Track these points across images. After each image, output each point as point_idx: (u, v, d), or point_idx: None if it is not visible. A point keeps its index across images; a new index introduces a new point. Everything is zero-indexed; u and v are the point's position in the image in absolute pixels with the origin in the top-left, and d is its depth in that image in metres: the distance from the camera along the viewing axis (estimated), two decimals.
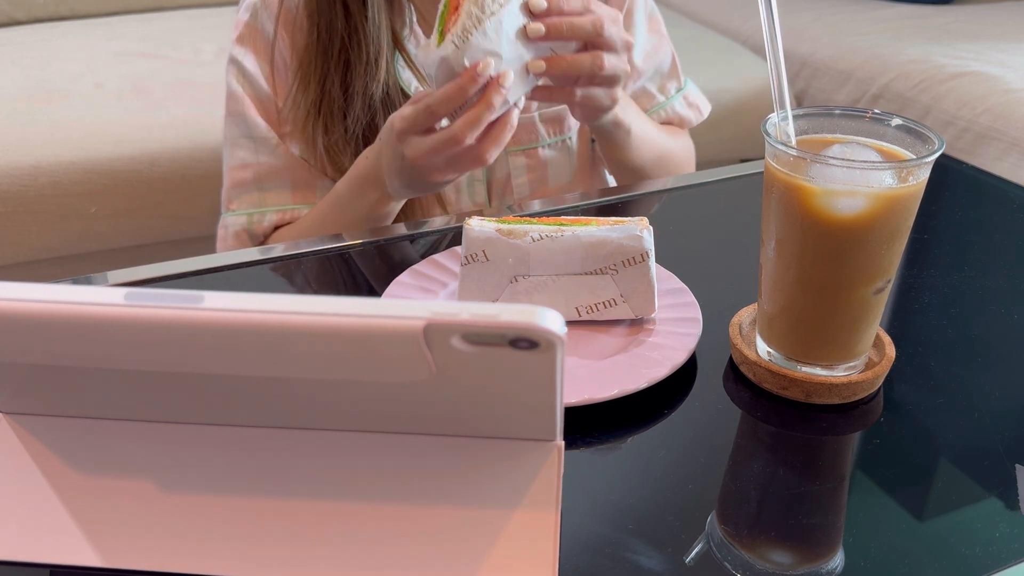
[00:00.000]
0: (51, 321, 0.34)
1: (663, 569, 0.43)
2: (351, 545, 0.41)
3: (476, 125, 0.64)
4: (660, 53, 0.94)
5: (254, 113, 0.84)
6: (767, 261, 0.55)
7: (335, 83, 0.80)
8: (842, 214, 0.50)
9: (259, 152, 0.84)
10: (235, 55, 0.84)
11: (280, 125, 0.84)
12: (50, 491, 0.42)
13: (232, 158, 0.85)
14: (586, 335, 0.60)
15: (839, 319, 0.53)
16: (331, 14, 0.79)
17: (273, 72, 0.84)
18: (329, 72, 0.80)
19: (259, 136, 0.84)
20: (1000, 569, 0.43)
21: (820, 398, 0.54)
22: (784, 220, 0.52)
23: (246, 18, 0.84)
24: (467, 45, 0.62)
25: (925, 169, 0.50)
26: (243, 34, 0.84)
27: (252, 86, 0.84)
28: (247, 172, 0.85)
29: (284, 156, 0.84)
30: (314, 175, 0.86)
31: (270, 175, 0.85)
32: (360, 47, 0.79)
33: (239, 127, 0.85)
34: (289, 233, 0.85)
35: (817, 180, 0.50)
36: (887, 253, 0.51)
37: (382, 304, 0.33)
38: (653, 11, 0.95)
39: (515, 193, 0.91)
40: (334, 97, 0.80)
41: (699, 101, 0.99)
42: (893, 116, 0.54)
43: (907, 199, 0.50)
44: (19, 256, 1.45)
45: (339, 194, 0.80)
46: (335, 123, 0.81)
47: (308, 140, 0.83)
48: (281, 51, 0.83)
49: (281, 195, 0.85)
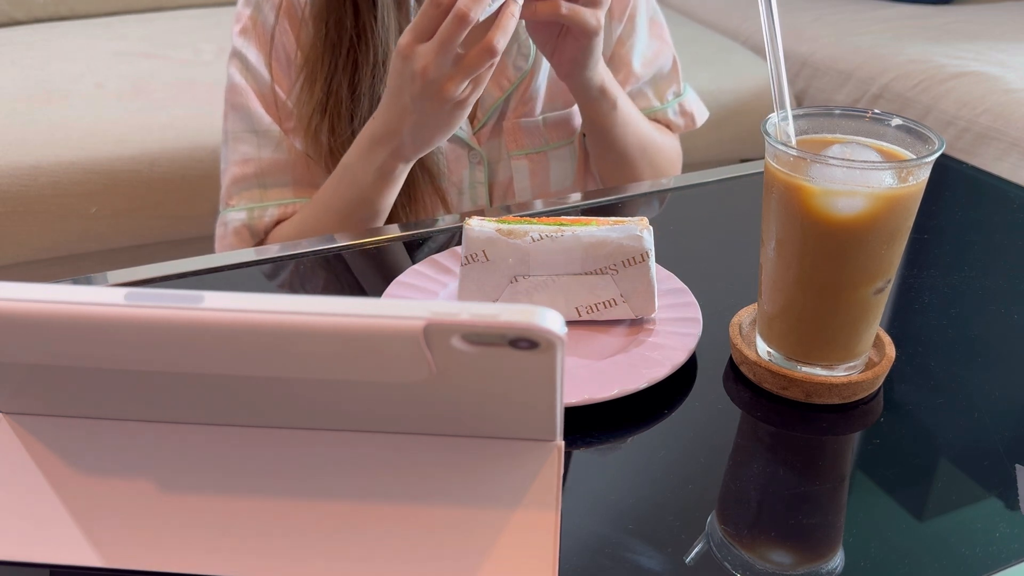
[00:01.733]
0: (51, 321, 0.34)
1: (663, 569, 0.43)
2: (351, 545, 0.41)
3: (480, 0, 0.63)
4: (661, 58, 0.94)
5: (257, 106, 0.83)
6: (767, 261, 0.55)
7: (343, 84, 0.79)
8: (842, 214, 0.50)
9: (262, 146, 0.84)
10: (238, 47, 0.83)
11: (283, 120, 0.84)
12: (50, 491, 0.42)
13: (234, 152, 0.85)
14: (586, 335, 0.60)
15: (839, 319, 0.53)
16: (340, 12, 0.78)
17: (275, 64, 0.83)
18: (336, 72, 0.79)
19: (262, 130, 0.83)
20: (1000, 569, 0.43)
21: (820, 398, 0.54)
22: (784, 220, 0.52)
23: (248, 11, 0.84)
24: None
25: (925, 169, 0.50)
26: (245, 26, 0.83)
27: (255, 79, 0.83)
28: (248, 167, 0.84)
29: (287, 150, 0.84)
30: (316, 171, 0.85)
31: (272, 170, 0.84)
32: (368, 47, 0.78)
33: (242, 121, 0.84)
34: (291, 223, 0.84)
35: (817, 180, 0.50)
36: (887, 253, 0.51)
37: (382, 304, 0.33)
38: (656, 14, 0.94)
39: (517, 197, 0.90)
40: (341, 97, 0.80)
41: (694, 110, 0.98)
42: (893, 116, 0.54)
43: (907, 199, 0.50)
44: (19, 256, 1.45)
45: (346, 165, 0.78)
46: (342, 124, 0.81)
47: (313, 139, 0.83)
48: (283, 43, 0.83)
49: (283, 191, 0.85)
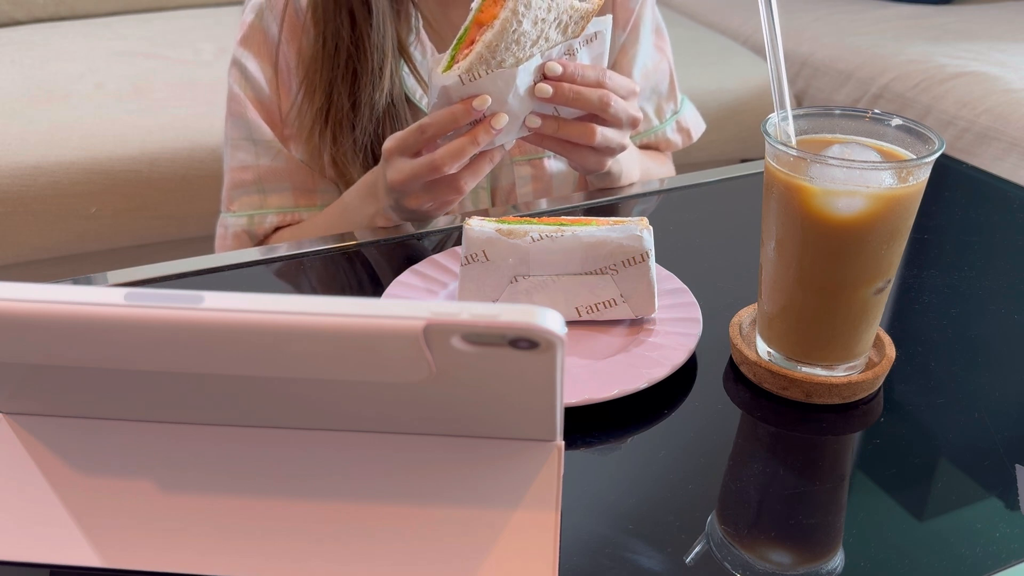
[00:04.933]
0: (51, 321, 0.34)
1: (663, 569, 0.43)
2: (351, 545, 0.41)
3: (458, 156, 0.64)
4: (659, 72, 0.94)
5: (255, 115, 0.84)
6: (767, 261, 0.55)
7: (342, 93, 0.80)
8: (842, 214, 0.50)
9: (260, 155, 0.84)
10: (237, 56, 0.84)
11: (282, 129, 0.84)
12: (50, 491, 0.42)
13: (233, 159, 0.85)
14: (586, 335, 0.60)
15: (839, 319, 0.53)
16: (337, 22, 0.78)
17: (276, 75, 0.83)
18: (336, 82, 0.80)
19: (260, 139, 0.84)
20: (1000, 569, 0.43)
21: (820, 398, 0.54)
22: (784, 220, 0.52)
23: (251, 19, 0.84)
24: (472, 84, 0.62)
25: (925, 169, 0.50)
26: (247, 35, 0.84)
27: (253, 88, 0.83)
28: (248, 174, 0.85)
29: (285, 159, 0.84)
30: (315, 179, 0.85)
31: (271, 177, 0.85)
32: (366, 56, 0.79)
33: (240, 129, 0.84)
34: (292, 234, 0.85)
35: (817, 180, 0.50)
36: (887, 253, 0.51)
37: (382, 304, 0.33)
38: (659, 25, 0.94)
39: (519, 201, 0.90)
40: (341, 107, 0.80)
41: (691, 125, 0.99)
42: (893, 116, 0.54)
43: (907, 199, 0.50)
44: (19, 256, 1.45)
45: (345, 203, 0.80)
46: (343, 134, 0.81)
47: (314, 149, 0.83)
48: (285, 54, 0.83)
49: (283, 197, 0.85)
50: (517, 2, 0.59)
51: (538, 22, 0.61)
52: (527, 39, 0.61)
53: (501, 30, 0.60)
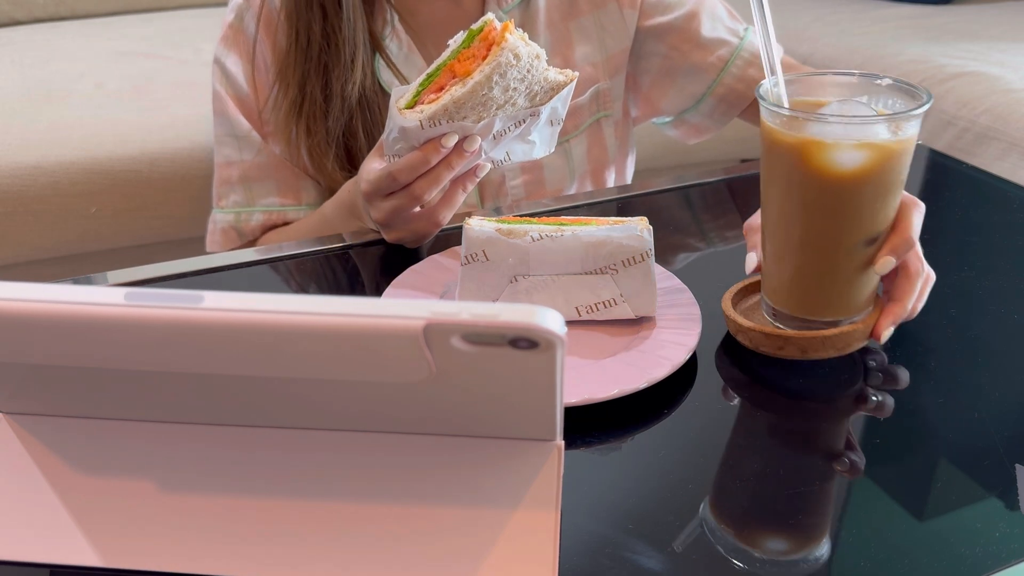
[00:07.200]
0: (51, 321, 0.34)
1: (663, 569, 0.43)
2: (351, 545, 0.41)
3: (434, 183, 0.65)
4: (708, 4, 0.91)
5: (235, 112, 0.86)
6: (768, 223, 0.57)
7: (315, 85, 0.81)
8: (840, 168, 0.52)
9: (243, 150, 0.86)
10: (218, 55, 0.86)
11: (262, 125, 0.86)
12: (50, 491, 0.42)
13: (219, 155, 0.87)
14: (586, 335, 0.60)
15: (839, 274, 0.55)
16: (308, 16, 0.80)
17: (255, 73, 0.85)
18: (309, 74, 0.81)
19: (242, 135, 0.86)
20: (1000, 569, 0.43)
21: (816, 352, 0.55)
22: (782, 179, 0.54)
23: (231, 19, 0.86)
24: (432, 130, 0.62)
25: (916, 122, 0.52)
26: (226, 35, 0.86)
27: (233, 86, 0.85)
28: (233, 170, 0.87)
29: (267, 155, 0.86)
30: (297, 175, 0.87)
31: (255, 172, 0.86)
32: (337, 49, 0.80)
33: (223, 126, 0.86)
34: (279, 238, 0.87)
35: (817, 134, 0.52)
36: (882, 207, 0.54)
37: (382, 304, 0.33)
38: None
39: (509, 195, 0.90)
40: (315, 99, 0.81)
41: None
42: (883, 76, 0.56)
43: (900, 153, 0.52)
44: (19, 256, 1.44)
45: (326, 216, 0.82)
46: (317, 124, 0.82)
47: (290, 141, 0.85)
48: (262, 51, 0.85)
49: (268, 194, 0.87)
50: (494, 70, 0.60)
51: (508, 90, 0.61)
52: (494, 103, 0.62)
53: (472, 91, 0.60)
